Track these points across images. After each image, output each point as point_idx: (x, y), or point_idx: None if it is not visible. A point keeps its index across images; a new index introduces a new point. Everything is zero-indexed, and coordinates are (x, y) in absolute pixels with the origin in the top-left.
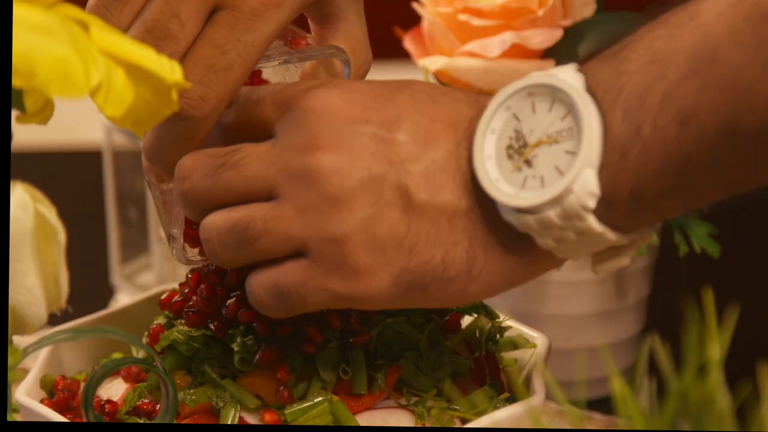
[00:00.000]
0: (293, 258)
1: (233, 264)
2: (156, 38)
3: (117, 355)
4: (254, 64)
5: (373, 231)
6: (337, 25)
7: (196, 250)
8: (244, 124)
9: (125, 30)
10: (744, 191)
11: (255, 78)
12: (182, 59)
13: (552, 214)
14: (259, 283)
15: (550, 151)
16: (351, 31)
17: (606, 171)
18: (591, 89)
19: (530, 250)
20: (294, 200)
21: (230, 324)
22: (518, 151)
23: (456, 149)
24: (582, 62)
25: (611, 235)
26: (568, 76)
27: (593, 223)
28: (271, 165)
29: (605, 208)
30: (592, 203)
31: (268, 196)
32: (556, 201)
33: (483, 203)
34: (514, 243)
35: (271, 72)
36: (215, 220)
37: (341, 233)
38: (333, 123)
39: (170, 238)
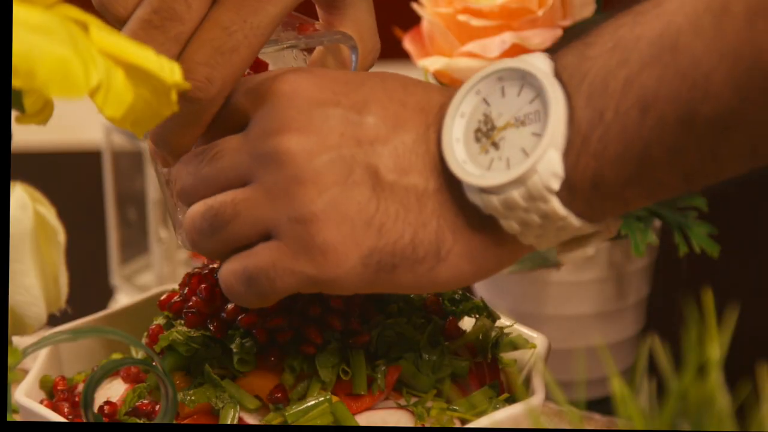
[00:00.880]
0: (264, 242)
1: (212, 252)
2: (162, 18)
3: (116, 356)
4: (260, 46)
5: (341, 210)
6: (344, 11)
7: None
8: (220, 117)
9: (131, 11)
10: (705, 183)
11: (261, 71)
12: (188, 40)
13: (516, 194)
14: (230, 269)
15: (517, 133)
16: (359, 18)
17: (569, 155)
18: (558, 74)
19: (496, 234)
20: (264, 183)
21: (229, 325)
22: (486, 134)
23: (425, 132)
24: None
25: (575, 221)
26: (538, 61)
27: (557, 205)
28: (243, 153)
29: (568, 193)
30: (555, 184)
31: (243, 183)
32: (520, 181)
33: (451, 185)
34: (481, 226)
35: (279, 60)
36: (192, 210)
37: (309, 212)
38: (302, 106)
39: (176, 223)
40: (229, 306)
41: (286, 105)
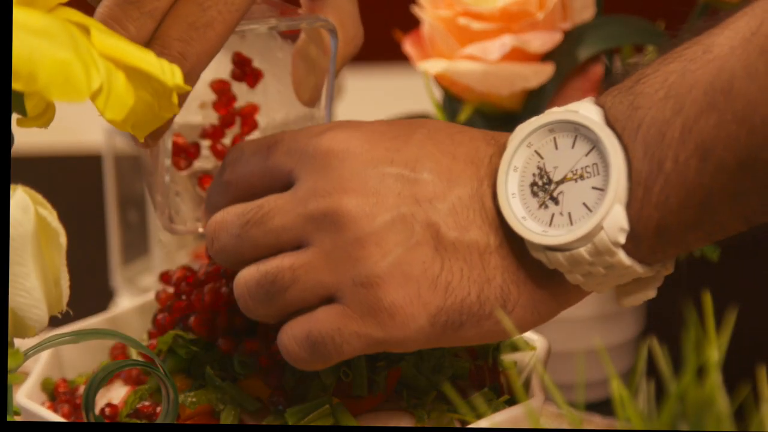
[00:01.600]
0: (325, 305)
1: (268, 318)
2: None
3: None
4: (235, 22)
5: (406, 271)
6: None
7: (183, 221)
8: (260, 175)
9: None
10: (765, 221)
11: (246, 67)
12: (164, 16)
13: (583, 251)
14: (291, 335)
15: (576, 187)
16: (340, 5)
17: (631, 207)
18: (611, 125)
19: (559, 284)
20: (322, 246)
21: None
22: (543, 188)
23: (480, 187)
24: (596, 96)
25: (639, 269)
26: (589, 112)
27: (623, 257)
28: (295, 215)
29: (632, 244)
30: (622, 238)
31: (297, 246)
32: (586, 238)
33: (512, 240)
34: (544, 278)
35: (266, 51)
36: (245, 276)
37: (374, 275)
38: (356, 165)
39: (156, 205)
40: (223, 342)
41: (338, 165)
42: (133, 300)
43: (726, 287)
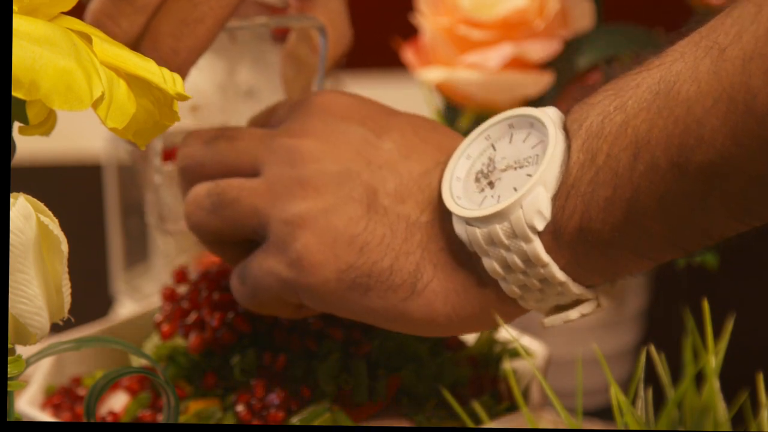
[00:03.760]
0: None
1: (201, 229)
2: None
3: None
4: (226, 18)
5: (330, 221)
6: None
7: (173, 220)
8: (265, 114)
9: None
10: (694, 242)
11: None
12: (155, 12)
13: (499, 228)
14: (234, 273)
15: (514, 174)
16: (329, 5)
17: (558, 197)
18: (564, 122)
19: (479, 281)
20: (270, 176)
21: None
22: (486, 175)
23: (434, 168)
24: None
25: (558, 273)
26: (550, 110)
27: (539, 247)
28: (261, 143)
29: (553, 238)
30: (539, 224)
31: (253, 173)
32: (503, 214)
33: (443, 221)
34: (464, 266)
35: (260, 59)
36: (198, 187)
37: (298, 215)
38: (329, 118)
39: (146, 204)
40: (208, 376)
41: (314, 114)
42: (133, 307)
43: (725, 295)
